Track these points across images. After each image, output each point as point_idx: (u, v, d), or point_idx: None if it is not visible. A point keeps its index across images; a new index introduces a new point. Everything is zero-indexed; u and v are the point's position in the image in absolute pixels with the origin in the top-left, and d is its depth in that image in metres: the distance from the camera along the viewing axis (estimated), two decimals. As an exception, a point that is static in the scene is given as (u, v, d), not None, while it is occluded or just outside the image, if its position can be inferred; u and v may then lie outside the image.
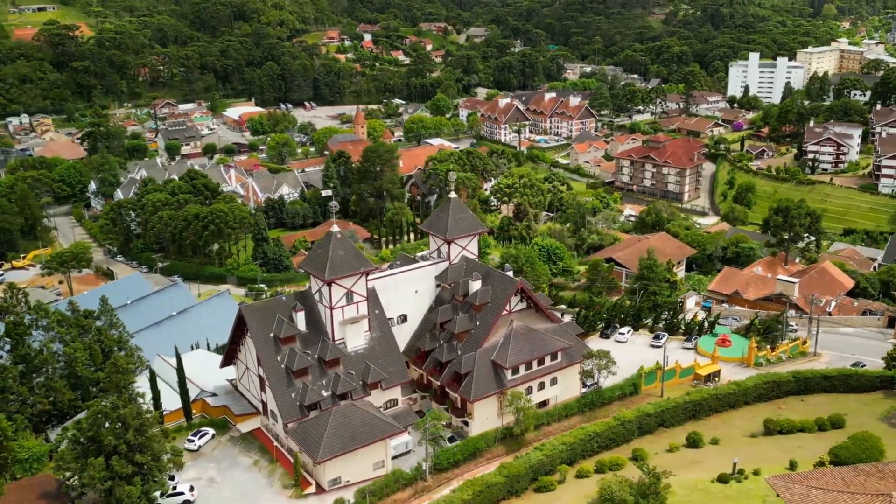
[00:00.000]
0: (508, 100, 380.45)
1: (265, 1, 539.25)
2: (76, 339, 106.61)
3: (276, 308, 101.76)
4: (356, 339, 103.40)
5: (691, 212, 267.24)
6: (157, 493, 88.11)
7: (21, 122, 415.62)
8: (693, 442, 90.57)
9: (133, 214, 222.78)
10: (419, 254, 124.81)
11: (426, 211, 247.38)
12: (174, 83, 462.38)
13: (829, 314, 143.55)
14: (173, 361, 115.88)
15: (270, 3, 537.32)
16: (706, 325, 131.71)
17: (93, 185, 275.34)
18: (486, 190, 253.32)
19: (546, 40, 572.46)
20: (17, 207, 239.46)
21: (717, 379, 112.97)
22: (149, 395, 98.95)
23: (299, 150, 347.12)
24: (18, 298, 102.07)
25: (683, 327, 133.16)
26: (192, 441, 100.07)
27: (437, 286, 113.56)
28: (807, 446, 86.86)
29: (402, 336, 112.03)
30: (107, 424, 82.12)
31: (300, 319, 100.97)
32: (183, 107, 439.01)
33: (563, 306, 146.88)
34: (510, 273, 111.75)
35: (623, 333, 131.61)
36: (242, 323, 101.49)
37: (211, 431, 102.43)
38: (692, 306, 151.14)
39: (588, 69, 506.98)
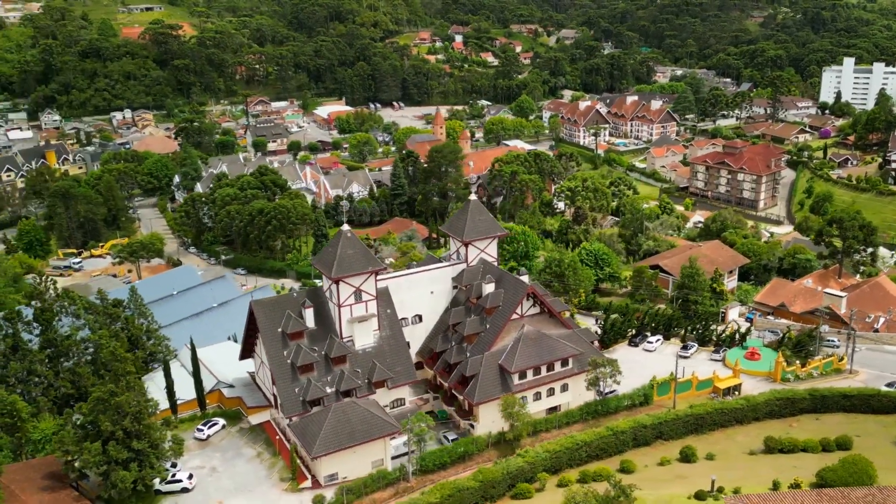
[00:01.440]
0: (589, 102, 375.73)
1: (360, 2, 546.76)
2: (103, 327, 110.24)
3: (287, 304, 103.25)
4: (364, 337, 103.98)
5: (765, 220, 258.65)
6: (157, 480, 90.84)
7: (124, 117, 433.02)
8: (686, 456, 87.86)
9: (205, 208, 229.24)
10: (442, 254, 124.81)
11: (491, 212, 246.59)
12: (269, 81, 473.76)
13: (876, 331, 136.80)
14: (199, 351, 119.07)
15: (365, 5, 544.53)
16: (737, 337, 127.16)
17: (177, 179, 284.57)
18: (550, 193, 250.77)
19: (638, 43, 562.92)
20: (101, 198, 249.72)
21: (736, 393, 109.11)
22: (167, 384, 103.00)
23: (380, 150, 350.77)
24: (47, 285, 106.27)
25: (715, 339, 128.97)
26: (202, 430, 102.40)
27: (454, 288, 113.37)
28: (803, 467, 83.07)
29: (418, 336, 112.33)
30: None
31: (309, 316, 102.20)
32: (276, 104, 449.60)
33: (599, 312, 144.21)
34: (525, 277, 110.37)
35: (651, 342, 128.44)
36: (254, 317, 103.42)
37: (221, 422, 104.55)
38: (735, 317, 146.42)
39: (679, 72, 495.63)
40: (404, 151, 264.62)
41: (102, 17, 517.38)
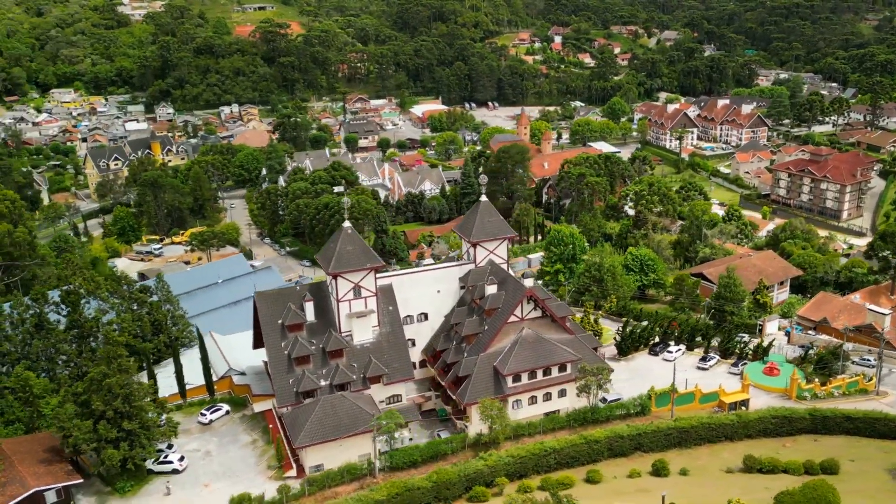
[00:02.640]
0: (677, 105, 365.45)
1: (463, 3, 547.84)
2: (128, 311, 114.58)
3: (290, 297, 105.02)
4: (363, 332, 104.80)
5: (847, 231, 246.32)
6: (150, 460, 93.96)
7: (231, 111, 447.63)
8: (657, 470, 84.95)
9: (280, 200, 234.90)
10: (451, 253, 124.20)
11: (558, 213, 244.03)
12: (369, 80, 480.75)
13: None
14: (220, 338, 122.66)
15: (468, 5, 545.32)
16: (760, 351, 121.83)
17: (264, 172, 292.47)
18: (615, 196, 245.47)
19: (743, 45, 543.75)
20: (188, 188, 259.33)
21: (743, 408, 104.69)
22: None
23: (465, 149, 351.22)
24: (73, 269, 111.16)
25: (737, 351, 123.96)
26: (204, 415, 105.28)
27: (461, 288, 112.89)
28: (775, 488, 79.09)
29: (423, 334, 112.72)
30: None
31: (309, 309, 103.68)
32: (374, 102, 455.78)
33: (629, 319, 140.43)
34: (530, 280, 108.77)
35: (671, 352, 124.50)
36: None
37: (226, 407, 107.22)
38: (774, 331, 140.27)
39: (784, 76, 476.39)
40: (476, 151, 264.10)
41: (218, 15, 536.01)
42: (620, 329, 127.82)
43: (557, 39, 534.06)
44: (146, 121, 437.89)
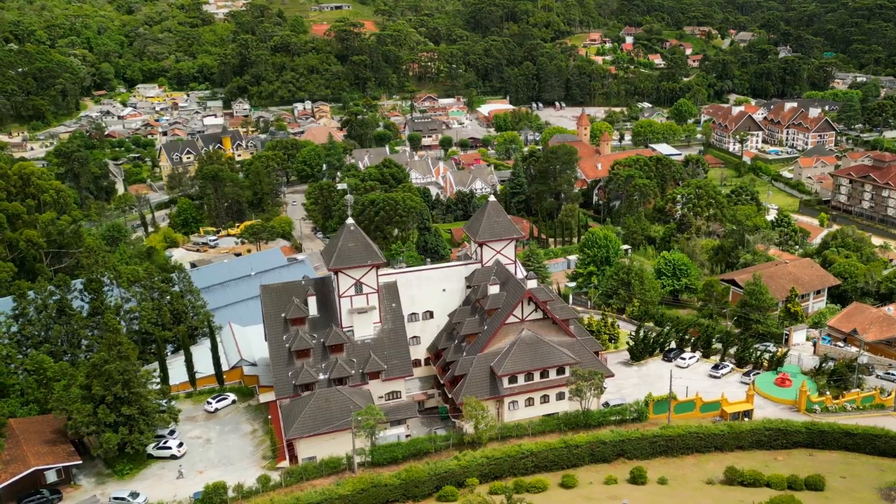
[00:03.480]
0: (742, 107, 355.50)
1: (536, 3, 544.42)
2: (147, 300, 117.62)
3: (295, 291, 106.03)
4: (364, 328, 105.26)
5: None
6: (151, 445, 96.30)
7: (304, 108, 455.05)
8: (634, 478, 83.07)
9: (331, 196, 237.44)
10: (459, 252, 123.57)
11: (607, 215, 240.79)
12: (439, 79, 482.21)
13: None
14: (238, 329, 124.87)
15: (540, 5, 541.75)
16: (774, 361, 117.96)
17: (324, 167, 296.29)
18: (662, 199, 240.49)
19: (822, 47, 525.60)
20: (248, 183, 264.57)
21: (746, 418, 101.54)
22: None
23: (526, 148, 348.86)
24: (96, 259, 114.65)
25: (752, 360, 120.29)
26: (210, 404, 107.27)
27: (468, 287, 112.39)
28: (750, 503, 76.66)
29: (429, 332, 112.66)
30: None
31: (312, 304, 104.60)
32: (443, 101, 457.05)
33: (650, 323, 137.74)
34: (533, 282, 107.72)
35: (684, 358, 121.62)
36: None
37: (232, 397, 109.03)
38: (801, 341, 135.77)
39: (861, 79, 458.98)
40: (529, 151, 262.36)
41: (296, 14, 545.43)
42: (633, 334, 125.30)
43: (629, 40, 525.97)
44: (223, 116, 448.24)
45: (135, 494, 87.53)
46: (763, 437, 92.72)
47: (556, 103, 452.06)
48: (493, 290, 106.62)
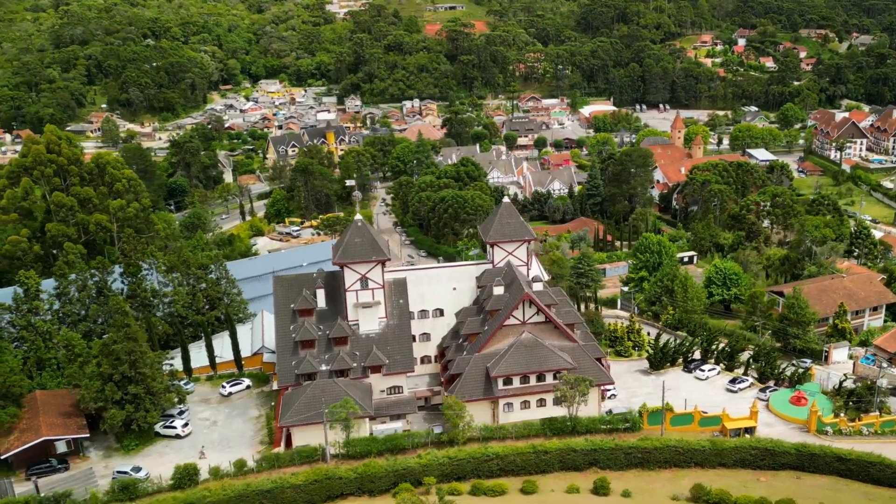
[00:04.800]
0: (846, 113, 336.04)
1: (648, 4, 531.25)
2: (182, 286, 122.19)
3: (306, 283, 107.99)
4: (369, 322, 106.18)
5: None
6: (160, 424, 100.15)
7: (412, 105, 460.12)
8: (597, 489, 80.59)
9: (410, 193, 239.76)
10: (472, 251, 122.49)
11: (683, 220, 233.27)
12: (545, 79, 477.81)
13: None
14: (269, 317, 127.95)
15: (652, 7, 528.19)
16: (794, 378, 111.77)
17: (413, 164, 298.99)
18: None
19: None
20: (336, 177, 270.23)
21: (748, 435, 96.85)
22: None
23: (619, 150, 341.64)
24: (135, 246, 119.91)
25: (774, 377, 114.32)
26: (224, 388, 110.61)
27: (479, 287, 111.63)
28: (706, 522, 73.36)
29: (439, 329, 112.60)
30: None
31: (320, 296, 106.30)
32: (546, 101, 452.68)
33: (682, 332, 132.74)
34: (538, 285, 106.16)
35: (703, 370, 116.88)
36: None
37: (247, 382, 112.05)
38: (843, 358, 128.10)
39: None
40: (608, 153, 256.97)
41: (411, 14, 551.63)
42: (653, 342, 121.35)
43: (741, 42, 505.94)
44: (336, 112, 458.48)
45: (137, 469, 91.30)
46: (748, 456, 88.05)
47: (661, 105, 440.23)
48: (498, 290, 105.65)
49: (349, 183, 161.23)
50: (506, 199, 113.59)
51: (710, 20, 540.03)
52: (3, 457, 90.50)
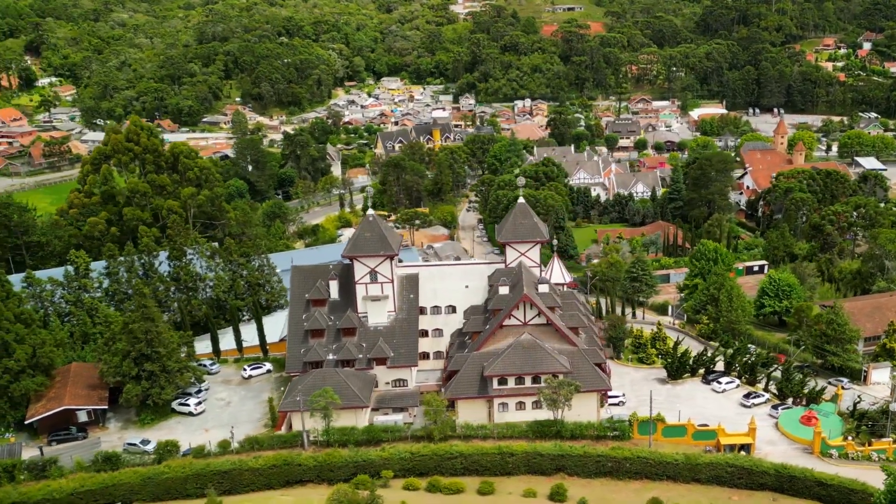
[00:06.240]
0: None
1: (770, 6, 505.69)
2: (225, 271, 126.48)
3: (322, 274, 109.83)
4: (378, 315, 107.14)
5: None
6: (177, 402, 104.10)
7: (524, 105, 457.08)
8: (553, 495, 78.25)
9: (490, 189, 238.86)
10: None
11: (765, 227, 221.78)
12: (657, 81, 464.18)
13: None
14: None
15: (774, 9, 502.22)
16: (811, 396, 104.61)
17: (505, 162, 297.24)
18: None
19: None
20: (431, 173, 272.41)
21: (742, 452, 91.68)
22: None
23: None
24: (179, 231, 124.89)
25: (793, 394, 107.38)
26: (246, 371, 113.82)
27: (490, 286, 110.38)
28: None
29: (451, 326, 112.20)
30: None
31: (333, 287, 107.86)
32: (656, 103, 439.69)
33: (716, 343, 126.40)
34: (545, 287, 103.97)
35: (720, 382, 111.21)
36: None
37: (268, 366, 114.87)
38: (884, 379, 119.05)
39: None
40: (692, 157, 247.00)
41: (530, 14, 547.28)
42: (672, 350, 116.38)
43: (866, 46, 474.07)
44: (451, 110, 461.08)
45: (146, 441, 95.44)
46: (724, 473, 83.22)
47: (775, 109, 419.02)
48: (503, 290, 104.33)
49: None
50: (521, 200, 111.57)
51: (836, 23, 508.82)
52: (28, 421, 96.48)
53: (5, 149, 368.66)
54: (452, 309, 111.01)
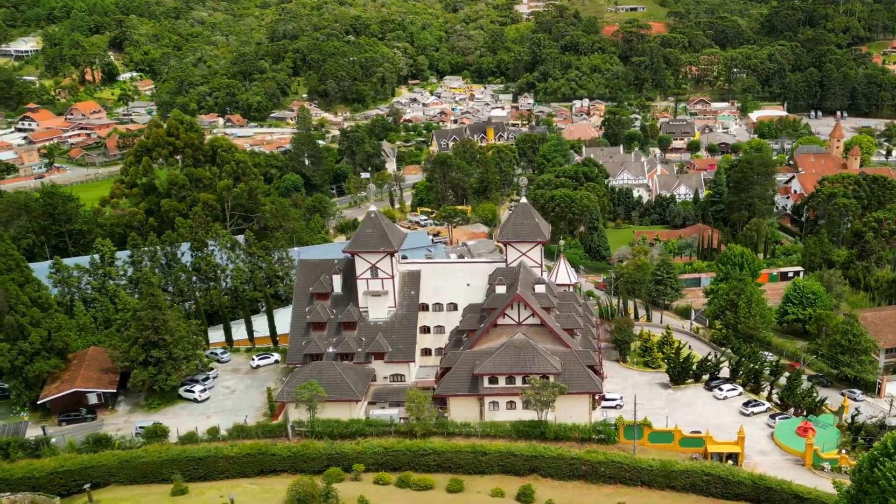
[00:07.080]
0: None
1: (838, 7, 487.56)
2: (244, 263, 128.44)
3: (327, 268, 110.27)
4: (378, 311, 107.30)
5: None
6: (183, 388, 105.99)
7: (582, 105, 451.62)
8: (520, 495, 77.05)
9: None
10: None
11: (808, 233, 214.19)
12: (717, 82, 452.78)
13: None
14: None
15: (842, 10, 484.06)
16: (808, 407, 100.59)
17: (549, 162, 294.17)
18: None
19: None
20: (475, 171, 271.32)
21: (730, 461, 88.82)
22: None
23: (775, 156, 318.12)
24: (200, 224, 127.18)
25: (795, 404, 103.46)
26: (254, 360, 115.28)
27: (489, 285, 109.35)
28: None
29: (452, 323, 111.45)
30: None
31: (336, 281, 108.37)
32: (715, 105, 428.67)
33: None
34: (541, 288, 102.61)
35: (722, 389, 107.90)
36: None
37: (276, 357, 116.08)
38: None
39: None
40: (734, 160, 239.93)
41: (592, 14, 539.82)
42: (673, 355, 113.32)
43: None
44: (510, 109, 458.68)
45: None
46: (699, 482, 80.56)
47: (838, 113, 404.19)
48: (500, 289, 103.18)
49: (365, 175, 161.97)
50: (523, 200, 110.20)
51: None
52: (40, 401, 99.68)
53: (83, 140, 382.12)
54: (454, 306, 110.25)
